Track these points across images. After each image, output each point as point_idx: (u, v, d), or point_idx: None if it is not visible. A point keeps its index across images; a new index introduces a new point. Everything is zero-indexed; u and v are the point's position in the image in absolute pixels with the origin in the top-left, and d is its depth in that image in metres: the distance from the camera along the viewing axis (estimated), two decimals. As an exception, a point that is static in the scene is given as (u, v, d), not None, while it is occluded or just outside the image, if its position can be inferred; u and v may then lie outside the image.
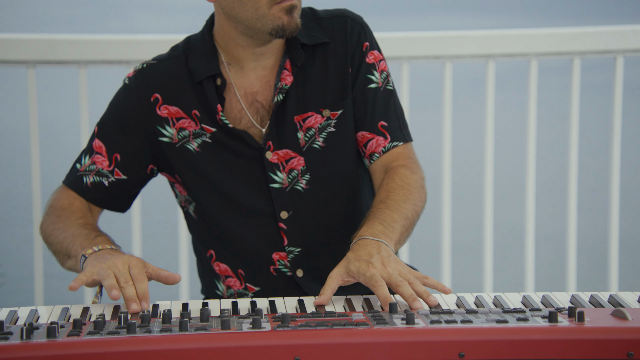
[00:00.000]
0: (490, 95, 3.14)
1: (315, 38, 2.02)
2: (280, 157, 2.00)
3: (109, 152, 2.04)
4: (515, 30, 3.15)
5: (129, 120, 2.03)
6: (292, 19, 1.92)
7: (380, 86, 2.05)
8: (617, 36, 3.12)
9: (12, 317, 1.65)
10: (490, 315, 1.59)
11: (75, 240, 1.92)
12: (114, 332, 1.50)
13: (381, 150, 2.03)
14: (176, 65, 2.03)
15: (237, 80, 2.01)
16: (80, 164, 2.06)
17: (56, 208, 2.04)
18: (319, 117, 2.01)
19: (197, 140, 2.01)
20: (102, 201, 2.07)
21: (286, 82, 2.00)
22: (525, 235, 3.19)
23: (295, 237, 2.02)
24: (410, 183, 1.97)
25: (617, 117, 3.17)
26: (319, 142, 2.01)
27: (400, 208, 1.92)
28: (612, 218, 3.19)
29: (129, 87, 2.05)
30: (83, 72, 3.05)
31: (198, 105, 2.01)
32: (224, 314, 1.63)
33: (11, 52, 3.01)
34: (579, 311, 1.55)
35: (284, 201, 2.01)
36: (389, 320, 1.55)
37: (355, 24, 2.05)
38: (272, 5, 1.92)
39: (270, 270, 2.04)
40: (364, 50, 2.04)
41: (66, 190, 2.07)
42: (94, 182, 2.05)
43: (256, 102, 2.01)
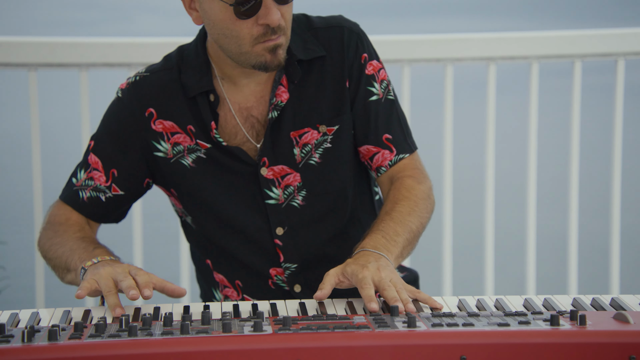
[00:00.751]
0: (491, 98, 3.14)
1: (311, 52, 1.98)
2: (275, 173, 1.98)
3: (105, 167, 2.02)
4: (517, 33, 3.15)
5: (124, 135, 2.01)
6: (275, 57, 1.88)
7: (381, 97, 2.02)
8: (618, 39, 3.12)
9: (14, 320, 1.65)
10: (491, 318, 1.59)
11: (73, 253, 1.91)
12: (115, 335, 1.50)
13: (387, 164, 2.02)
14: (169, 78, 1.99)
15: (231, 96, 1.98)
16: (76, 178, 2.05)
17: (53, 223, 2.02)
18: (315, 132, 1.99)
19: (192, 156, 1.99)
20: (98, 216, 2.06)
21: (282, 99, 1.97)
22: (526, 238, 3.19)
23: (291, 253, 2.01)
24: (417, 194, 1.96)
25: (618, 119, 3.17)
26: (315, 158, 1.99)
27: (405, 221, 1.91)
28: (614, 221, 3.19)
29: (123, 100, 2.02)
30: (84, 75, 3.05)
31: (192, 120, 1.98)
32: (225, 317, 1.63)
33: (12, 55, 3.01)
34: (581, 314, 1.55)
35: (280, 217, 2.00)
36: (391, 323, 1.55)
37: (352, 34, 2.01)
38: (255, 44, 1.87)
39: (269, 283, 2.04)
40: (362, 62, 2.01)
41: (62, 205, 2.06)
42: (91, 197, 2.03)
43: (251, 117, 1.98)
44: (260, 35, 1.86)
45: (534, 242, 3.20)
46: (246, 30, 1.85)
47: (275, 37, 1.86)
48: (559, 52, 3.13)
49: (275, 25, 1.85)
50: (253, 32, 1.85)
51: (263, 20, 1.84)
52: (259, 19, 1.84)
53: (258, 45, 1.87)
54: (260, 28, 1.85)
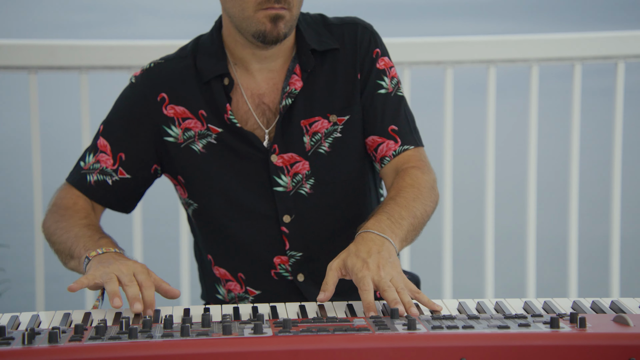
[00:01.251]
0: (491, 101, 3.14)
1: (325, 44, 2.01)
2: (285, 161, 2.00)
3: (113, 151, 2.03)
4: (516, 36, 3.15)
5: (134, 119, 2.03)
6: (275, 28, 1.91)
7: (390, 92, 2.04)
8: (617, 42, 3.13)
9: (14, 323, 1.65)
10: (491, 321, 1.59)
11: (78, 241, 1.91)
12: (116, 337, 1.50)
13: (392, 153, 2.02)
14: (184, 65, 2.03)
15: (244, 81, 2.01)
16: (84, 162, 2.06)
17: (59, 207, 2.03)
18: (325, 122, 2.01)
19: (202, 141, 2.01)
20: (106, 200, 2.06)
21: (295, 87, 1.99)
22: (526, 240, 3.19)
23: (297, 241, 2.02)
24: (421, 183, 1.96)
25: (618, 122, 3.17)
26: (324, 147, 2.01)
27: (410, 206, 1.91)
28: (614, 223, 3.19)
29: (135, 85, 2.05)
30: (84, 78, 3.05)
31: (205, 105, 2.00)
32: (226, 319, 1.63)
33: (13, 58, 3.01)
34: (581, 317, 1.55)
35: (287, 205, 2.01)
36: (391, 326, 1.55)
37: (366, 31, 2.05)
38: (257, 10, 1.90)
39: (271, 274, 2.04)
40: (374, 57, 2.04)
41: (70, 188, 2.06)
42: (98, 180, 2.04)
43: (263, 104, 2.01)
44: (263, 1, 1.89)
45: (534, 245, 3.20)
46: None
47: (278, 7, 1.90)
48: (559, 55, 3.13)
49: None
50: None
51: None
52: None
53: (260, 12, 1.90)
54: None
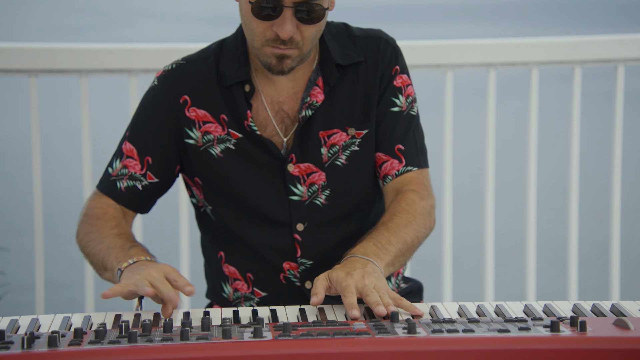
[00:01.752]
0: (491, 104, 3.14)
1: (350, 58, 2.02)
2: (301, 171, 2.01)
3: (140, 155, 2.04)
4: (517, 39, 3.15)
5: (158, 122, 2.03)
6: (280, 64, 1.91)
7: (403, 110, 2.05)
8: (617, 45, 3.13)
9: (13, 326, 1.65)
10: (491, 324, 1.59)
11: (110, 252, 1.92)
12: (115, 342, 1.49)
13: (394, 173, 2.03)
14: (206, 67, 2.03)
15: (264, 88, 2.01)
16: (112, 167, 2.06)
17: (90, 217, 2.03)
18: (344, 134, 2.02)
19: (221, 146, 2.02)
20: (136, 205, 2.07)
21: (317, 99, 2.00)
22: (526, 243, 3.18)
23: (309, 249, 2.02)
24: (416, 208, 1.98)
25: (618, 125, 3.17)
26: (341, 160, 2.02)
27: (400, 232, 1.93)
28: (614, 227, 3.19)
29: (158, 87, 2.05)
30: (84, 81, 3.05)
31: (226, 109, 2.01)
32: (225, 322, 1.63)
33: (13, 61, 3.01)
34: (581, 320, 1.55)
35: (302, 214, 2.02)
36: (391, 330, 1.55)
37: (389, 46, 2.05)
38: (265, 45, 1.91)
39: (280, 277, 2.05)
40: (392, 74, 2.04)
41: (100, 197, 2.06)
42: (128, 186, 2.05)
43: (282, 111, 2.02)
44: (270, 40, 1.90)
45: (534, 248, 3.19)
46: (260, 29, 1.90)
47: (285, 48, 1.90)
48: (559, 58, 3.13)
49: (285, 38, 1.88)
50: (266, 34, 1.90)
51: (276, 29, 1.88)
52: (273, 25, 1.88)
53: (267, 48, 1.91)
54: (272, 33, 1.89)
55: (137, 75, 3.06)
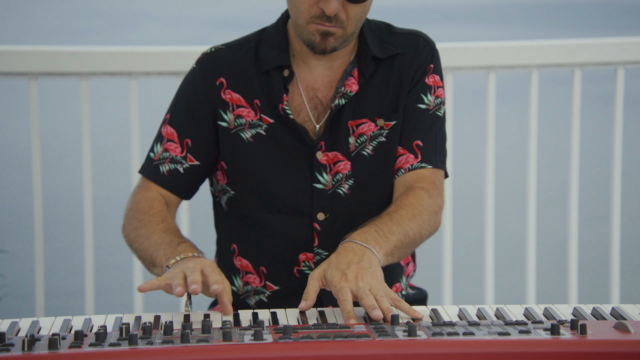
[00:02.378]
0: (491, 107, 3.14)
1: (387, 51, 2.03)
2: (329, 159, 2.02)
3: (180, 137, 2.05)
4: (516, 42, 3.15)
5: (196, 103, 2.05)
6: (323, 42, 1.93)
7: (430, 109, 2.06)
8: (617, 48, 3.13)
9: (14, 329, 1.65)
10: (492, 327, 1.59)
11: (158, 248, 1.92)
12: (116, 344, 1.50)
13: (408, 167, 2.04)
14: (244, 53, 2.05)
15: (301, 74, 2.03)
16: (153, 152, 2.07)
17: (136, 212, 2.03)
18: (372, 125, 2.03)
19: (252, 131, 2.03)
20: (180, 189, 2.07)
21: (351, 89, 2.01)
22: (526, 247, 3.18)
23: (327, 240, 2.03)
24: (423, 205, 1.98)
25: (618, 128, 3.17)
26: (368, 150, 2.03)
27: (404, 224, 1.93)
28: (614, 230, 3.19)
29: (196, 70, 2.07)
30: (84, 84, 3.06)
31: (261, 94, 2.02)
32: (226, 325, 1.63)
33: (13, 64, 3.02)
34: (582, 324, 1.55)
35: (324, 203, 2.02)
36: (391, 332, 1.55)
37: (427, 45, 2.07)
38: (309, 22, 1.93)
39: (294, 270, 2.05)
40: (426, 70, 2.05)
41: (144, 190, 2.06)
42: (170, 169, 2.05)
43: (316, 97, 2.03)
44: (316, 16, 1.91)
45: (534, 251, 3.19)
46: (306, 5, 1.91)
47: (329, 25, 1.91)
48: (559, 61, 3.14)
49: (331, 14, 1.90)
50: (311, 11, 1.91)
51: (322, 5, 1.90)
52: (319, 2, 1.90)
53: (311, 25, 1.93)
54: (318, 9, 1.91)
55: (137, 77, 3.06)
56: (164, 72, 3.06)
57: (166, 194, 2.07)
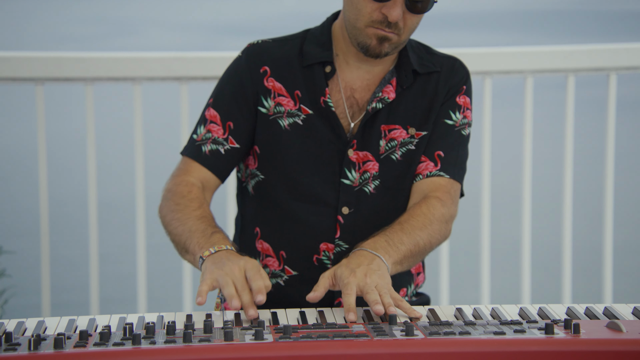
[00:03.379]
0: (487, 111, 3.14)
1: (426, 67, 2.07)
2: (359, 158, 2.04)
3: (222, 120, 2.07)
4: (512, 48, 3.16)
5: (240, 88, 2.07)
6: (379, 46, 1.96)
7: (456, 126, 2.08)
8: (609, 54, 3.13)
9: (20, 328, 1.65)
10: (487, 327, 1.59)
11: (192, 236, 1.93)
12: (120, 344, 1.50)
13: (426, 174, 2.06)
14: (289, 47, 2.08)
15: (342, 73, 2.06)
16: (196, 134, 2.09)
17: (175, 194, 2.04)
18: (404, 132, 2.05)
19: (289, 119, 2.05)
20: (220, 169, 2.08)
21: (389, 96, 2.04)
22: (521, 248, 3.18)
23: (348, 233, 2.04)
24: (435, 214, 2.00)
25: (611, 132, 3.17)
26: (396, 155, 2.05)
27: (414, 234, 1.95)
28: (606, 231, 3.19)
29: (242, 58, 2.09)
30: (90, 89, 3.06)
31: (303, 86, 2.05)
32: (227, 325, 1.63)
33: (20, 70, 3.02)
34: (575, 323, 1.55)
35: (349, 198, 2.04)
36: (389, 332, 1.55)
37: (463, 68, 2.11)
38: (368, 26, 1.95)
39: (313, 258, 2.06)
40: (459, 90, 2.09)
41: (185, 171, 2.06)
42: (212, 150, 2.06)
43: (353, 97, 2.05)
44: (376, 21, 1.94)
45: (529, 252, 3.19)
46: (368, 9, 1.94)
47: (389, 31, 1.95)
48: (553, 67, 3.14)
49: (393, 21, 1.93)
50: (372, 15, 1.94)
51: (385, 11, 1.93)
52: (383, 7, 1.93)
53: (370, 29, 1.95)
54: (380, 15, 1.94)
55: (141, 83, 3.07)
56: (167, 78, 3.06)
57: (205, 177, 2.07)
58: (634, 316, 1.70)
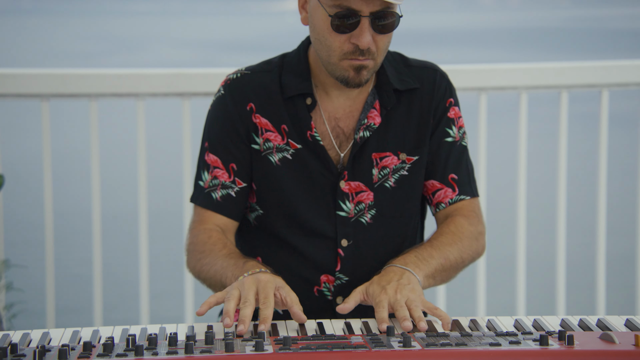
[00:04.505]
0: (482, 126, 3.15)
1: (406, 83, 2.02)
2: (351, 188, 2.00)
3: (224, 164, 2.03)
4: (507, 65, 3.16)
5: (233, 128, 2.02)
6: (357, 76, 1.91)
7: (457, 140, 2.06)
8: (602, 71, 3.14)
9: (26, 340, 1.65)
10: (483, 338, 1.58)
11: (226, 271, 1.90)
12: (122, 355, 1.49)
13: (448, 201, 2.04)
14: (269, 79, 2.03)
15: (323, 103, 2.01)
16: (202, 180, 2.05)
17: (196, 244, 2.01)
18: (395, 158, 2.01)
19: (279, 155, 2.01)
20: (234, 212, 2.04)
21: (374, 122, 2.00)
22: (516, 260, 3.18)
23: (349, 265, 2.01)
24: (463, 231, 1.99)
25: (603, 146, 3.17)
26: (390, 182, 2.02)
27: (444, 249, 1.94)
28: (599, 244, 3.19)
29: (226, 96, 2.04)
30: (93, 105, 3.06)
31: (288, 120, 2.01)
32: (228, 337, 1.63)
33: (26, 86, 3.03)
34: (569, 335, 1.55)
35: (347, 230, 2.01)
36: (387, 343, 1.55)
37: (444, 78, 2.06)
38: (342, 59, 1.91)
39: (314, 290, 2.03)
40: (447, 105, 2.04)
41: (200, 221, 2.03)
42: (223, 195, 2.03)
43: (338, 127, 2.01)
44: (349, 52, 1.90)
45: (524, 265, 3.19)
46: (338, 43, 1.90)
47: (363, 59, 1.90)
48: (547, 83, 3.14)
49: (364, 48, 1.88)
50: (343, 48, 1.90)
51: (355, 40, 1.88)
52: (352, 37, 1.88)
53: (345, 61, 1.91)
54: (350, 46, 1.89)
55: (144, 98, 3.07)
56: (169, 93, 3.07)
57: (222, 222, 2.04)
58: (626, 328, 1.70)
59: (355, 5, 1.85)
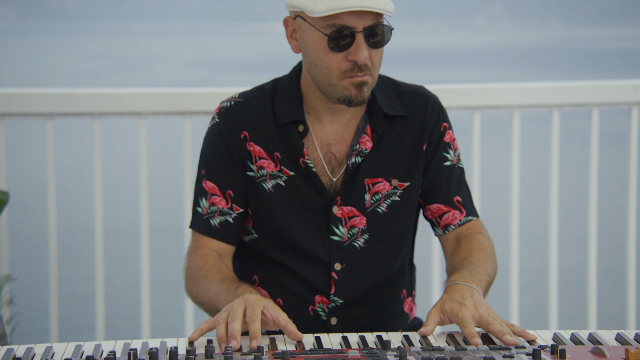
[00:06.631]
0: (476, 144, 3.15)
1: (395, 110, 2.01)
2: (344, 213, 1.99)
3: (222, 190, 2.02)
4: (500, 84, 3.17)
5: (228, 156, 2.01)
6: (360, 93, 1.90)
7: (455, 163, 2.05)
8: (592, 91, 3.15)
9: (29, 354, 1.64)
10: (478, 352, 1.58)
11: (219, 296, 1.90)
12: (124, 369, 1.48)
13: (457, 223, 2.03)
14: (262, 107, 2.01)
15: (315, 129, 2.00)
16: (200, 207, 2.04)
17: (193, 270, 2.00)
18: (387, 184, 2.00)
19: (272, 182, 2.00)
20: (232, 238, 2.03)
21: (366, 147, 1.98)
22: (509, 275, 3.18)
23: (343, 288, 2.00)
24: (486, 249, 1.99)
25: (594, 163, 3.18)
26: (382, 207, 2.01)
27: (484, 265, 1.94)
28: (591, 260, 3.19)
29: (221, 124, 2.03)
30: (97, 123, 3.06)
31: (281, 147, 2.00)
32: (228, 351, 1.62)
33: (31, 105, 3.03)
34: (561, 349, 1.55)
35: (340, 254, 2.00)
36: (383, 357, 1.54)
37: (435, 104, 2.05)
38: (342, 78, 1.90)
39: (309, 309, 2.02)
40: (442, 130, 2.04)
41: (198, 247, 2.02)
42: (221, 222, 2.02)
43: (330, 153, 2.00)
44: (347, 70, 1.89)
45: (517, 280, 3.19)
46: (335, 62, 1.89)
47: (362, 75, 1.89)
48: (539, 102, 3.15)
49: (362, 64, 1.88)
50: (341, 67, 1.89)
51: (352, 57, 1.88)
52: (348, 54, 1.88)
53: (345, 80, 1.90)
54: (348, 64, 1.89)
55: (146, 117, 3.07)
56: (171, 112, 3.07)
57: (219, 247, 2.03)
58: (617, 342, 1.69)
59: (349, 22, 1.86)
